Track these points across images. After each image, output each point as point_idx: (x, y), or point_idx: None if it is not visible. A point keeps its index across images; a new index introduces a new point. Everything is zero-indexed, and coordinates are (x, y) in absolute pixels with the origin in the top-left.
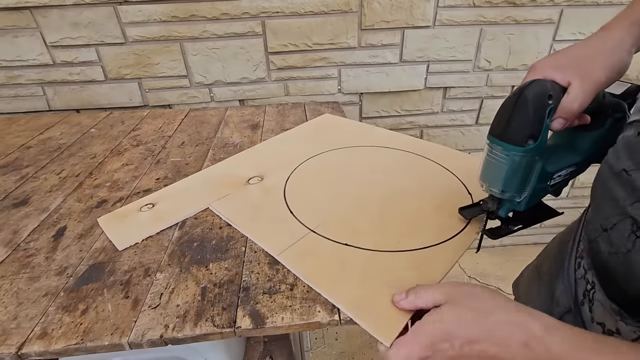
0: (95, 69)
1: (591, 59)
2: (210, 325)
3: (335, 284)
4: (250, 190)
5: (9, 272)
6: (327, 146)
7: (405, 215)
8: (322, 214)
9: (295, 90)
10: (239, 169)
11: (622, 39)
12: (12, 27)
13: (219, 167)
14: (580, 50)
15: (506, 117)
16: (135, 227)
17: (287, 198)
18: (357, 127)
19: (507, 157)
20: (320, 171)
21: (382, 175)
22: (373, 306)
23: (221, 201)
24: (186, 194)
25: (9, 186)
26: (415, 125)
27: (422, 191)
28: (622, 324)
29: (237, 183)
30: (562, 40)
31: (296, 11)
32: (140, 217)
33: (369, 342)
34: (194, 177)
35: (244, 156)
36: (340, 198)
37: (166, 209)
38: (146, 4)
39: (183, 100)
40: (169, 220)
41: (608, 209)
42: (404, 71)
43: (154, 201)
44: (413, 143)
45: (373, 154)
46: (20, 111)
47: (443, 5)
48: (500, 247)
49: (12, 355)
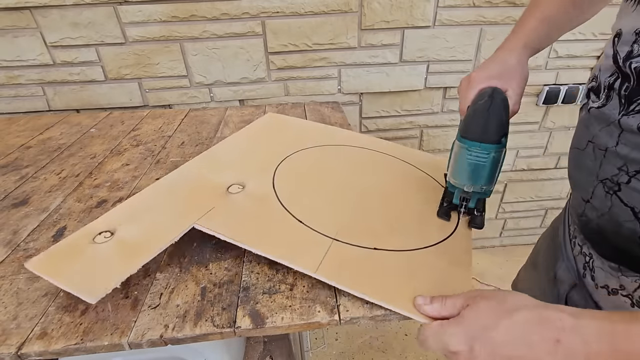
0: (95, 69)
1: (513, 72)
2: (210, 325)
3: (387, 290)
4: (238, 201)
5: (9, 272)
6: (294, 146)
7: (409, 212)
8: (333, 219)
9: (295, 90)
10: (207, 176)
11: (522, 56)
12: (12, 27)
13: (178, 176)
14: (502, 66)
15: (483, 121)
16: (98, 266)
17: (286, 206)
18: (311, 126)
19: (487, 155)
20: (304, 173)
21: (366, 173)
22: None
23: (208, 217)
24: (153, 214)
25: (9, 186)
26: (415, 125)
27: (408, 189)
28: (623, 278)
29: (215, 193)
30: (562, 41)
31: (296, 11)
32: (100, 251)
33: (369, 342)
34: (152, 191)
35: (201, 162)
36: (339, 200)
37: (134, 238)
38: (146, 4)
39: (183, 100)
40: (145, 253)
41: (583, 182)
42: (404, 71)
43: (109, 227)
44: (376, 142)
45: (347, 153)
46: (20, 111)
47: (443, 5)
48: (500, 247)
49: (12, 355)
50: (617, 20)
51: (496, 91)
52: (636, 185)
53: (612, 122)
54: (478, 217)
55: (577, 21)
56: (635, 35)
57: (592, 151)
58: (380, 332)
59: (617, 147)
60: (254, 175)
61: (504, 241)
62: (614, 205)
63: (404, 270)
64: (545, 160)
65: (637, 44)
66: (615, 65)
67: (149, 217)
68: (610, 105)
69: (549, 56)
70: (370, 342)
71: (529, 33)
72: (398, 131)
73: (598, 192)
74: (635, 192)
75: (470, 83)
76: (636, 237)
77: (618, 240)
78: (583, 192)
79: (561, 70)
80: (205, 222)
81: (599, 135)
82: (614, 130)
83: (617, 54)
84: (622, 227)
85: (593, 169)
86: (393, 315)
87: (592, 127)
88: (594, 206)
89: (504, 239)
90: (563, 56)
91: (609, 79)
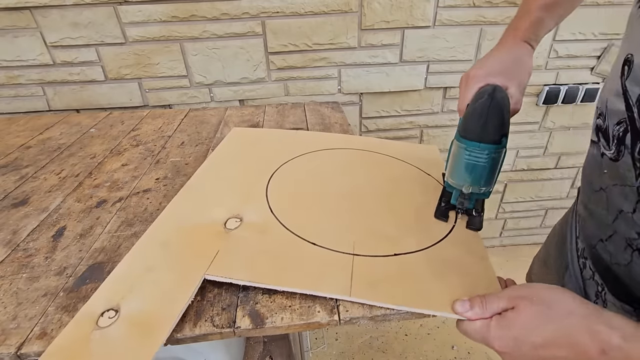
0: (95, 69)
1: (515, 68)
2: (209, 326)
3: (422, 296)
4: (240, 236)
5: (9, 272)
6: (275, 161)
7: (412, 210)
8: (345, 232)
9: (295, 90)
10: (197, 217)
11: (526, 51)
12: (12, 27)
13: (166, 225)
14: (503, 62)
15: (482, 121)
16: (115, 357)
17: (293, 230)
18: (282, 135)
19: (487, 156)
20: (297, 189)
21: (359, 175)
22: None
23: (216, 263)
24: (154, 275)
25: (9, 186)
26: (415, 125)
27: (403, 185)
28: None
29: (214, 234)
30: (562, 41)
31: (296, 11)
32: (110, 336)
33: (369, 342)
34: (143, 248)
35: (185, 202)
36: (343, 210)
37: (144, 310)
38: (146, 4)
39: (183, 100)
40: (163, 324)
41: (600, 217)
42: (404, 71)
43: (111, 304)
44: (354, 140)
45: (332, 157)
46: (20, 111)
47: (443, 5)
48: (500, 247)
49: (12, 355)
50: (626, 35)
51: (497, 89)
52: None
53: (628, 185)
54: (476, 218)
55: (578, 2)
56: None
57: (606, 201)
58: (380, 332)
59: (634, 214)
60: (247, 203)
61: (504, 241)
62: (635, 262)
63: (427, 270)
64: (545, 160)
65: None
66: (627, 114)
67: (151, 280)
68: (623, 163)
69: (549, 56)
70: (370, 342)
71: (532, 25)
72: (398, 131)
73: (617, 239)
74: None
75: (469, 81)
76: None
77: (636, 290)
78: (599, 228)
79: (561, 70)
80: (215, 269)
81: (613, 192)
82: (631, 196)
83: (626, 93)
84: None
85: (608, 217)
86: (393, 315)
87: (606, 178)
88: (609, 251)
89: (504, 239)
90: (563, 56)
91: (618, 130)
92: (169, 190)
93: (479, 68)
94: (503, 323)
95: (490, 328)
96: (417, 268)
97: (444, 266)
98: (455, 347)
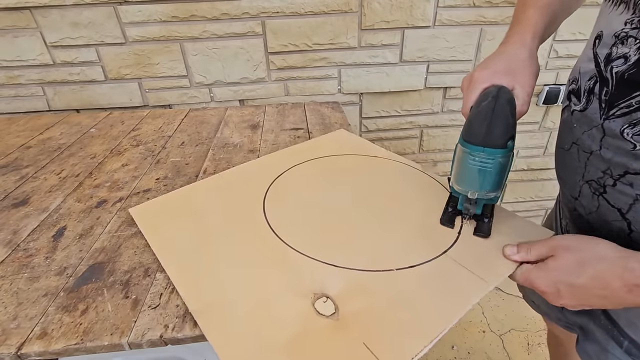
0: (95, 69)
1: (521, 68)
2: None
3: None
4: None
5: (9, 272)
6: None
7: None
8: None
9: (295, 90)
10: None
11: (532, 50)
12: (12, 27)
13: None
14: (508, 61)
15: (486, 124)
16: None
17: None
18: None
19: (493, 161)
20: (300, 214)
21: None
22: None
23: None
24: None
25: (9, 186)
26: (415, 125)
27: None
28: None
29: (303, 318)
30: (562, 41)
31: (296, 11)
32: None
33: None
34: None
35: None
36: (354, 227)
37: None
38: (146, 4)
39: (183, 100)
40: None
41: (570, 181)
42: (404, 71)
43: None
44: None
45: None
46: (20, 111)
47: (443, 5)
48: None
49: (12, 355)
50: (597, 21)
51: (502, 90)
52: (621, 188)
53: (594, 125)
54: (485, 224)
55: (576, 5)
56: (614, 38)
57: (576, 152)
58: None
59: (600, 150)
60: (308, 274)
61: None
62: (602, 206)
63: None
64: (545, 160)
65: (616, 47)
66: (596, 69)
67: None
68: (591, 109)
69: (549, 56)
70: None
71: (535, 23)
72: (398, 131)
73: (585, 191)
74: (621, 195)
75: (472, 82)
76: (625, 234)
77: (608, 237)
78: (571, 190)
79: (561, 70)
80: None
81: (582, 138)
82: (597, 134)
83: (597, 57)
84: (611, 225)
85: (579, 169)
86: None
87: (576, 130)
88: (582, 204)
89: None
90: (563, 56)
91: (589, 83)
92: (169, 190)
93: (482, 68)
94: (544, 267)
95: (532, 271)
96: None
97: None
98: (455, 347)
